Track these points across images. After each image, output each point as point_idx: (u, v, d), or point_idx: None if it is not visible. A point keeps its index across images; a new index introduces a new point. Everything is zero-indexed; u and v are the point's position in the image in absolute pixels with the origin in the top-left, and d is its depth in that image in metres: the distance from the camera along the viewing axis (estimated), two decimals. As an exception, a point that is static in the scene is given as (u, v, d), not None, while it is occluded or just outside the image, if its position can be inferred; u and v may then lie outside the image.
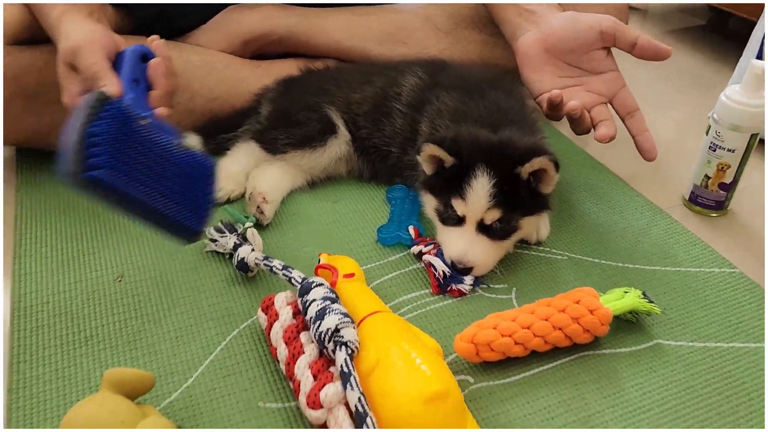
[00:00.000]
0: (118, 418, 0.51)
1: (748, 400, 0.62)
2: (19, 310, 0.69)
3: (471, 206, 0.71)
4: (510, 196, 0.70)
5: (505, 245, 0.76)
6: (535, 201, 0.73)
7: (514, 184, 0.71)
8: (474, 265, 0.73)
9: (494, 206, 0.70)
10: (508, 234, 0.74)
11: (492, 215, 0.71)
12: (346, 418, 0.55)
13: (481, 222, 0.72)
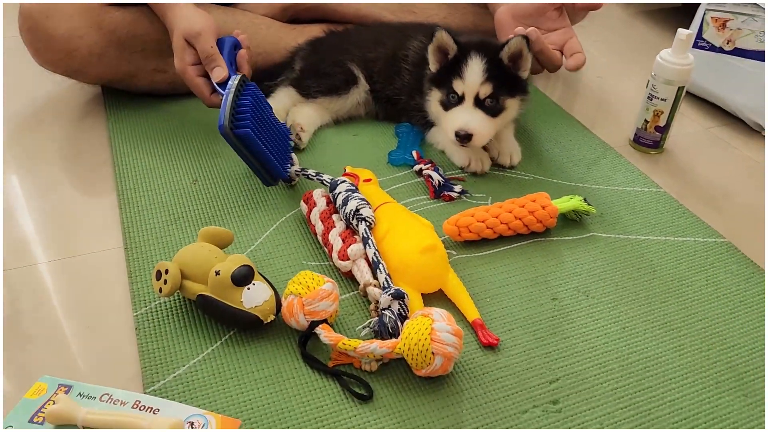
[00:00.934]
0: (213, 253, 0.76)
1: (651, 271, 0.86)
2: (124, 201, 0.94)
3: (468, 83, 0.96)
4: (497, 76, 0.95)
5: (496, 122, 0.99)
6: (515, 84, 0.98)
7: (499, 67, 0.95)
8: (474, 133, 0.96)
9: (486, 81, 0.95)
10: (497, 111, 0.98)
11: (485, 90, 0.96)
12: (366, 266, 0.80)
13: (476, 98, 0.96)
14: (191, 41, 0.98)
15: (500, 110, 0.98)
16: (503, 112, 0.99)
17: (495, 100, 0.97)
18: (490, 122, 0.98)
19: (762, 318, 0.80)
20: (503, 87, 0.97)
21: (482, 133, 0.98)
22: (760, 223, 0.99)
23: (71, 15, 1.05)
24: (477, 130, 0.96)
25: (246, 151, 0.91)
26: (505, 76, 0.96)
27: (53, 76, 1.14)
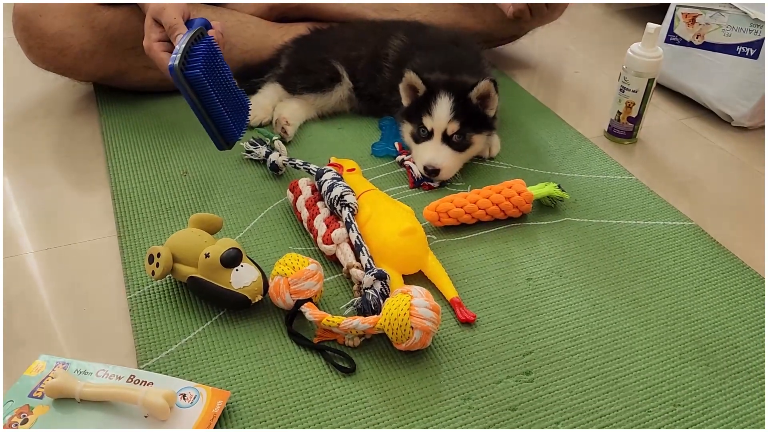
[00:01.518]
0: (203, 238, 0.79)
1: (622, 253, 0.91)
2: (117, 192, 0.98)
3: (437, 120, 1.00)
4: (464, 115, 0.99)
5: (462, 157, 1.03)
6: (482, 121, 1.02)
7: (467, 106, 0.99)
8: (440, 168, 1.01)
9: (453, 119, 0.99)
10: (464, 147, 1.02)
11: (452, 127, 1.00)
12: (349, 249, 0.84)
13: (444, 134, 1.00)
14: (157, 18, 0.99)
15: (467, 146, 1.02)
16: (470, 147, 1.03)
17: (462, 136, 1.01)
18: (456, 157, 1.02)
19: (725, 295, 0.85)
20: (470, 124, 1.00)
21: (449, 167, 1.01)
22: (726, 208, 1.03)
23: (64, 13, 1.08)
24: (444, 165, 1.00)
25: (197, 99, 0.92)
26: (472, 114, 1.00)
27: (46, 74, 1.18)
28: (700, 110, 1.30)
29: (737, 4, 1.18)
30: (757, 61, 1.18)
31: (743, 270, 0.89)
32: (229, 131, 0.97)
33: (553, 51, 1.55)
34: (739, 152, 1.18)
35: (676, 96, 1.34)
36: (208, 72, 0.93)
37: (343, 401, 0.68)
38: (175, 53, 0.91)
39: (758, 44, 1.17)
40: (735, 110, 1.22)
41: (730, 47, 1.21)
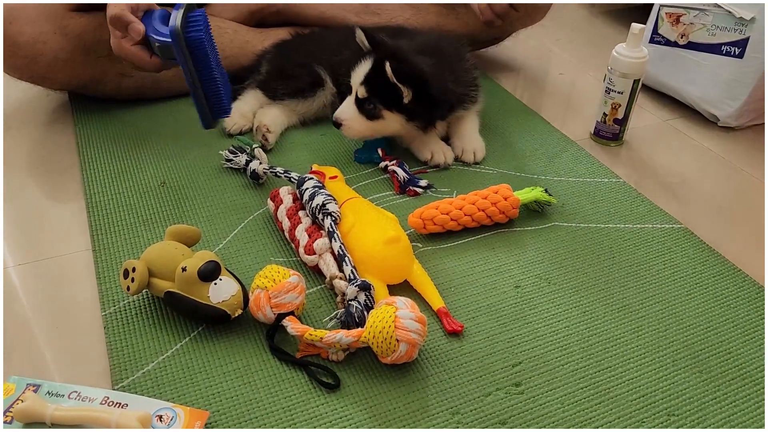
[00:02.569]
0: (180, 251, 0.77)
1: (611, 258, 0.89)
2: (92, 204, 0.95)
3: (353, 78, 1.00)
4: (377, 86, 0.98)
5: (370, 125, 1.01)
6: (396, 101, 0.99)
7: (385, 79, 0.96)
8: (342, 123, 1.01)
9: (363, 84, 0.99)
10: (372, 116, 1.00)
11: (361, 92, 0.99)
12: (332, 259, 0.81)
13: (356, 96, 1.00)
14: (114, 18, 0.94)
15: (375, 116, 1.00)
16: (378, 120, 1.01)
17: (372, 105, 0.99)
18: (362, 121, 1.01)
19: (717, 299, 0.83)
20: (380, 97, 0.99)
21: (352, 127, 1.01)
22: (715, 209, 1.02)
23: (35, 20, 1.05)
24: (347, 123, 1.01)
25: (193, 65, 0.90)
26: (387, 89, 0.98)
27: (19, 84, 1.14)
28: (686, 110, 1.28)
29: (721, 3, 1.17)
30: (743, 60, 1.17)
31: (734, 273, 0.87)
32: (220, 105, 0.95)
33: (538, 53, 1.54)
34: (726, 152, 1.17)
35: (662, 97, 1.32)
36: (207, 39, 0.91)
37: (327, 419, 0.66)
38: (174, 15, 0.89)
39: (743, 43, 1.16)
40: (721, 110, 1.21)
41: (715, 47, 1.20)
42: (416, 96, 0.98)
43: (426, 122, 1.03)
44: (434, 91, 0.99)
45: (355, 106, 1.00)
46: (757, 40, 1.15)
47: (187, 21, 0.90)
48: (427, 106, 1.00)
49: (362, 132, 1.03)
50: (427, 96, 0.99)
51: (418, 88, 0.98)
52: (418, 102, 0.99)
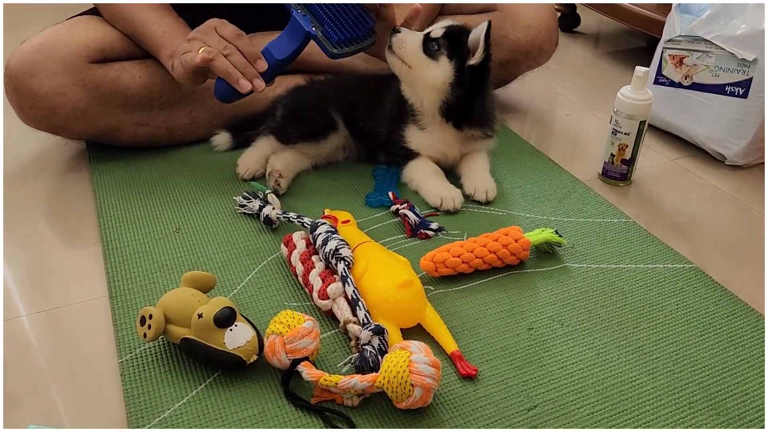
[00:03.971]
0: (196, 297, 0.78)
1: (623, 298, 0.89)
2: (108, 251, 0.96)
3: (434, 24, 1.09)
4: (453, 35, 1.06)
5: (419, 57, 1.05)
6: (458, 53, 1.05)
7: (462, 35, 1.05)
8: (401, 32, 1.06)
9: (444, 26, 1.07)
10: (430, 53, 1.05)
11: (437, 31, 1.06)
12: (345, 304, 0.82)
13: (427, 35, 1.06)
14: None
15: (432, 55, 1.05)
16: (430, 61, 1.05)
17: (437, 45, 1.05)
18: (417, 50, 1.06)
19: (731, 339, 0.83)
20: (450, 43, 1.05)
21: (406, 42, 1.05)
22: (725, 248, 1.02)
23: (55, 73, 1.09)
24: (405, 37, 1.06)
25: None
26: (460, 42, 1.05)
27: (38, 134, 1.17)
28: (693, 150, 1.30)
29: (723, 45, 1.19)
30: (747, 100, 1.18)
31: (747, 312, 0.87)
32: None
33: (544, 95, 1.57)
34: (734, 191, 1.18)
35: (669, 136, 1.34)
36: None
37: (343, 466, 0.66)
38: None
39: (747, 84, 1.18)
40: (728, 149, 1.23)
41: (718, 87, 1.22)
42: (472, 74, 1.05)
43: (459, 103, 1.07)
44: (486, 86, 1.08)
45: (421, 35, 1.06)
46: (760, 81, 1.17)
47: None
48: (471, 91, 1.06)
49: (409, 55, 1.06)
50: (480, 85, 1.07)
51: (481, 68, 1.05)
52: (469, 79, 1.05)
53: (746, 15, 1.18)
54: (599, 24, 2.07)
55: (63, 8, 1.42)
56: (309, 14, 1.02)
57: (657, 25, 1.47)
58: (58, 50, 1.09)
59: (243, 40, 1.00)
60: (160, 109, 1.19)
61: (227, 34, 1.01)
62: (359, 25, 1.05)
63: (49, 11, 1.91)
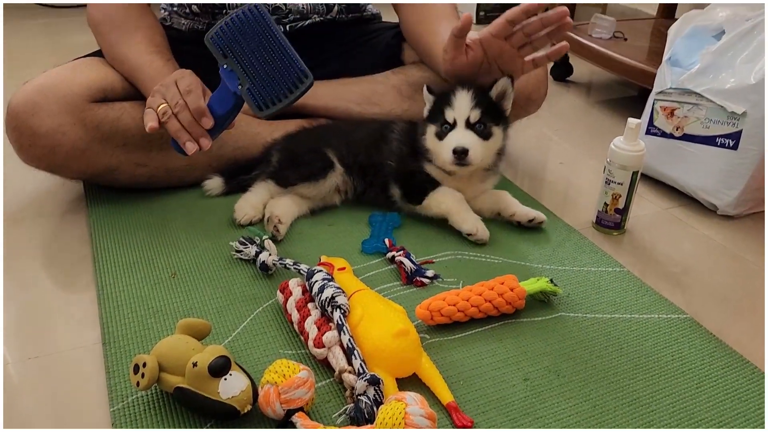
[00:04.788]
0: (190, 345, 0.77)
1: (619, 349, 0.89)
2: (103, 296, 0.96)
3: (458, 109, 1.09)
4: (484, 105, 1.09)
5: (486, 145, 1.10)
6: (500, 113, 1.12)
7: (486, 98, 1.09)
8: (469, 148, 1.07)
9: (475, 107, 1.08)
10: (486, 135, 1.10)
11: (474, 115, 1.08)
12: (341, 353, 0.82)
13: (467, 121, 1.09)
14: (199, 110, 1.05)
15: (489, 134, 1.10)
16: (492, 137, 1.11)
17: (483, 125, 1.09)
18: (481, 143, 1.09)
19: (727, 392, 0.83)
20: (489, 114, 1.09)
21: (476, 150, 1.08)
22: (719, 298, 1.03)
23: (56, 113, 1.10)
24: (472, 146, 1.07)
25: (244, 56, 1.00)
26: (490, 105, 1.09)
27: (35, 176, 1.18)
28: (685, 199, 1.32)
29: (713, 98, 1.22)
30: (737, 151, 1.21)
31: (743, 365, 0.87)
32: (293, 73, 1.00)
33: (538, 142, 1.59)
34: (727, 241, 1.19)
35: (662, 185, 1.36)
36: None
37: None
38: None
39: (737, 135, 1.20)
40: (719, 199, 1.24)
41: (709, 139, 1.24)
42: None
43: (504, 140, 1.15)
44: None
45: (470, 131, 1.08)
46: (750, 133, 1.19)
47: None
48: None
49: (483, 155, 1.10)
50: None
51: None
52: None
53: (735, 69, 1.21)
54: (591, 74, 2.12)
55: (64, 50, 1.44)
56: (235, 66, 1.00)
57: (648, 77, 1.51)
58: (59, 90, 1.11)
59: (191, 96, 1.03)
60: (159, 150, 1.20)
61: (181, 88, 1.04)
62: (289, 73, 1.00)
63: (51, 52, 1.94)
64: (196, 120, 1.03)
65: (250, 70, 1.00)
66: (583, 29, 1.95)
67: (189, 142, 1.04)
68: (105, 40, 1.21)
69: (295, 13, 1.33)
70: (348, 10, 1.41)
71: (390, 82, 1.35)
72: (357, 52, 1.41)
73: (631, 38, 1.89)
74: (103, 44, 1.22)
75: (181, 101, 1.03)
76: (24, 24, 2.40)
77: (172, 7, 1.37)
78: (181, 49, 1.24)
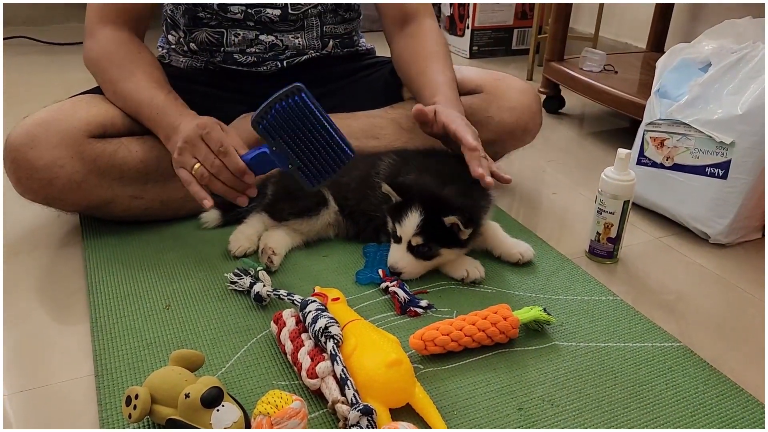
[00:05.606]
0: (183, 376, 0.77)
1: (613, 378, 0.89)
2: (96, 328, 0.96)
3: (404, 230, 1.06)
4: (431, 231, 1.04)
5: (427, 264, 1.09)
6: (453, 238, 1.06)
7: (436, 223, 1.04)
8: (402, 271, 1.07)
9: (417, 234, 1.05)
10: (429, 257, 1.08)
11: (416, 240, 1.06)
12: (334, 383, 0.82)
13: (409, 243, 1.06)
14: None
15: (432, 256, 1.08)
16: (437, 257, 1.09)
17: (427, 248, 1.07)
18: (419, 263, 1.09)
19: (722, 420, 0.83)
20: (437, 240, 1.06)
21: (410, 272, 1.08)
22: (713, 327, 1.03)
23: (55, 146, 1.11)
24: (405, 269, 1.08)
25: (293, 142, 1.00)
26: (441, 231, 1.05)
27: (31, 209, 1.19)
28: (677, 228, 1.33)
29: (701, 129, 1.24)
30: (727, 180, 1.22)
31: (737, 393, 0.87)
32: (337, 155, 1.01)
33: (531, 173, 1.61)
34: (720, 269, 1.19)
35: (653, 215, 1.37)
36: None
37: None
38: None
39: (726, 165, 1.22)
40: (711, 228, 1.25)
41: (699, 168, 1.26)
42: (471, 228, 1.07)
43: (471, 243, 1.12)
44: (477, 218, 1.08)
45: (409, 253, 1.08)
46: (738, 162, 1.21)
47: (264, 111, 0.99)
48: (474, 232, 1.09)
49: (421, 272, 1.10)
50: (476, 221, 1.08)
51: (470, 224, 1.05)
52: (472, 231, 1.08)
53: (722, 101, 1.23)
54: (583, 106, 2.15)
55: (63, 87, 1.46)
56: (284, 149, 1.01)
57: (638, 108, 1.53)
58: (59, 124, 1.13)
59: (228, 158, 1.04)
60: (155, 183, 1.21)
61: (213, 147, 1.04)
62: (335, 152, 1.01)
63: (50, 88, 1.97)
64: (238, 177, 1.05)
65: (299, 153, 1.01)
66: (574, 63, 1.99)
67: (239, 198, 1.07)
68: (104, 77, 1.22)
69: (291, 49, 1.36)
70: (342, 45, 1.44)
71: (389, 116, 1.38)
72: (356, 88, 1.43)
73: (621, 71, 1.92)
74: (102, 82, 1.23)
75: (217, 162, 1.03)
76: (23, 59, 2.44)
77: (170, 45, 1.40)
78: (179, 86, 1.26)
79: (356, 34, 1.49)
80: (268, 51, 1.34)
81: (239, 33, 1.32)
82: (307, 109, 0.98)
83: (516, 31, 2.76)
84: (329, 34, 1.40)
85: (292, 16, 1.32)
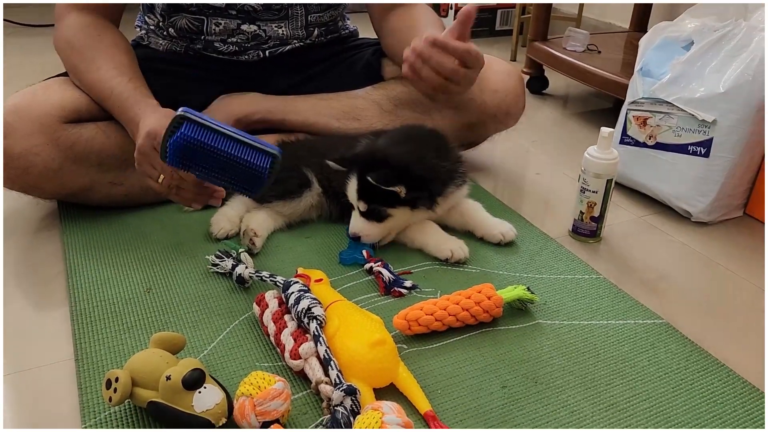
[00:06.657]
0: (164, 359, 0.76)
1: (596, 355, 0.90)
2: (76, 312, 0.95)
3: (350, 197, 1.09)
4: (372, 194, 1.06)
5: (383, 225, 1.09)
6: (392, 198, 1.06)
7: (375, 187, 1.03)
8: (360, 235, 1.09)
9: (360, 199, 1.08)
10: (380, 218, 1.08)
11: (361, 206, 1.08)
12: (317, 364, 0.81)
13: (359, 209, 1.09)
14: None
15: (384, 217, 1.09)
16: (389, 218, 1.09)
17: (377, 211, 1.08)
18: (376, 227, 1.10)
19: (703, 395, 0.83)
20: (380, 202, 1.07)
21: (369, 235, 1.10)
22: (694, 304, 1.04)
23: (29, 133, 1.09)
24: (363, 233, 1.10)
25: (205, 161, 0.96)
26: (380, 193, 1.05)
27: (9, 193, 1.17)
28: (659, 207, 1.33)
29: (684, 107, 1.24)
30: (709, 159, 1.23)
31: (718, 368, 0.88)
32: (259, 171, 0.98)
33: (515, 154, 1.60)
34: (701, 247, 1.20)
35: (636, 194, 1.37)
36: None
37: None
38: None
39: (708, 143, 1.22)
40: (693, 206, 1.26)
41: (681, 147, 1.26)
42: (410, 185, 1.05)
43: (429, 202, 1.10)
44: (422, 172, 1.06)
45: (363, 218, 1.09)
46: (720, 141, 1.21)
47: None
48: (423, 188, 1.07)
49: (381, 234, 1.11)
50: (419, 179, 1.05)
51: (407, 179, 1.04)
52: (413, 189, 1.06)
53: (704, 79, 1.23)
54: (567, 86, 2.15)
55: (37, 70, 1.43)
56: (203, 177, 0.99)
57: (621, 88, 1.53)
58: (32, 110, 1.10)
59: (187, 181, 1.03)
60: (135, 169, 1.19)
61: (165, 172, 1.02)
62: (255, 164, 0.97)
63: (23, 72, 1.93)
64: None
65: (217, 176, 0.98)
66: (558, 42, 1.98)
67: (210, 201, 1.08)
68: (68, 65, 1.19)
69: (274, 39, 1.34)
70: (327, 32, 1.42)
71: (370, 97, 1.36)
72: (337, 71, 1.41)
73: (605, 51, 1.92)
74: (68, 70, 1.20)
75: (176, 176, 1.02)
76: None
77: (149, 26, 1.37)
78: (157, 68, 1.24)
79: (341, 19, 1.47)
80: (250, 41, 1.32)
81: (220, 22, 1.30)
82: (195, 139, 0.94)
83: (500, 12, 2.75)
84: (314, 23, 1.37)
85: (276, 5, 1.30)
